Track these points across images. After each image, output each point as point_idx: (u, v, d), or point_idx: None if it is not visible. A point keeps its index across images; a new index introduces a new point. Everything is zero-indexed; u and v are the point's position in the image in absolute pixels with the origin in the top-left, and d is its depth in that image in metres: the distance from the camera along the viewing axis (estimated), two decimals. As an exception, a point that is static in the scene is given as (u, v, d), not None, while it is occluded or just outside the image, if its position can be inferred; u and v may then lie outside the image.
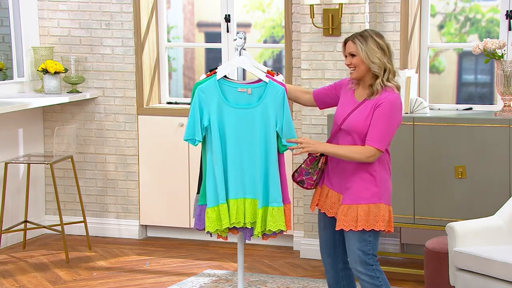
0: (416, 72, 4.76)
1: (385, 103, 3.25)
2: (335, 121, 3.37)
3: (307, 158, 3.42)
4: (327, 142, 3.41)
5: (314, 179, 3.38)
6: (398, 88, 3.33)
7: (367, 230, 3.28)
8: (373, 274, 3.32)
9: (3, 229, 4.93)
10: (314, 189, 3.47)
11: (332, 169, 3.37)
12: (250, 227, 3.47)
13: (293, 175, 3.45)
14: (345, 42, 3.33)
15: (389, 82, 3.30)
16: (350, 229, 3.29)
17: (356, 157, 3.26)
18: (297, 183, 3.44)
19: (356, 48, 3.27)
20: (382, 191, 3.31)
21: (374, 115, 3.25)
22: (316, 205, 3.44)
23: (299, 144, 3.31)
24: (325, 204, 3.39)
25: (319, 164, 3.37)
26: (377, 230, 3.29)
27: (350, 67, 3.32)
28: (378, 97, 3.27)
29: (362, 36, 3.28)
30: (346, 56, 3.34)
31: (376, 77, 3.28)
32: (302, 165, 3.42)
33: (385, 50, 3.28)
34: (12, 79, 5.36)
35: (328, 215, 3.38)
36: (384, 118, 3.24)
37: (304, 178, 3.40)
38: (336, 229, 3.33)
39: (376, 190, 3.29)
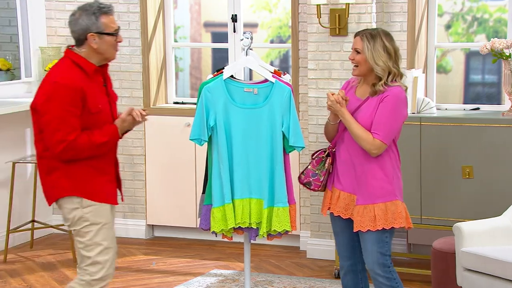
0: (423, 72, 4.75)
1: (390, 97, 3.21)
2: (340, 121, 3.33)
3: (313, 159, 3.39)
4: (332, 143, 3.38)
5: (321, 180, 3.35)
6: (405, 89, 3.29)
7: (387, 229, 3.24)
8: (390, 276, 3.30)
9: (10, 228, 4.95)
10: (323, 192, 3.42)
11: (342, 169, 3.32)
12: (255, 227, 3.46)
13: (299, 177, 3.41)
14: (354, 36, 3.30)
15: (394, 83, 3.25)
16: (368, 230, 3.25)
17: (363, 143, 3.22)
18: (304, 185, 3.40)
19: (362, 46, 3.23)
20: (395, 188, 3.29)
21: (379, 108, 3.22)
22: (328, 209, 3.39)
23: (329, 96, 3.24)
24: (338, 206, 3.33)
25: (326, 165, 3.35)
26: (397, 227, 3.26)
27: (353, 63, 3.27)
28: (382, 93, 3.24)
29: (371, 34, 3.23)
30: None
31: (379, 78, 3.24)
32: (308, 167, 3.39)
33: (391, 54, 3.23)
34: (20, 79, 5.38)
35: (344, 217, 3.33)
36: (389, 112, 3.22)
37: (311, 179, 3.36)
38: (354, 231, 3.29)
39: (391, 187, 3.26)
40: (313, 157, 3.41)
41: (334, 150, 3.37)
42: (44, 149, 3.10)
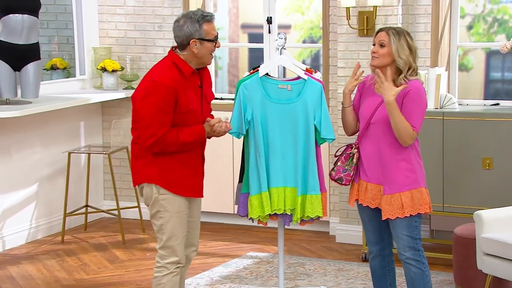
0: (446, 70, 4.72)
1: (414, 90, 3.21)
2: (363, 117, 3.31)
3: (341, 156, 3.38)
4: (357, 138, 3.37)
5: (351, 174, 3.34)
6: (422, 83, 3.29)
7: (414, 215, 3.24)
8: (419, 260, 3.29)
9: (67, 212, 5.07)
10: (350, 185, 3.41)
11: (368, 162, 3.32)
12: (289, 214, 3.50)
13: (330, 174, 3.39)
14: (378, 32, 3.27)
15: (412, 77, 3.25)
16: (397, 217, 3.25)
17: (402, 132, 3.18)
18: (335, 181, 3.38)
19: (388, 40, 3.20)
20: (419, 175, 3.28)
21: (405, 102, 3.21)
22: (356, 200, 3.38)
23: (380, 77, 3.18)
24: (366, 197, 3.33)
25: (354, 160, 3.33)
26: (422, 213, 3.25)
27: (374, 55, 3.24)
28: (404, 88, 3.22)
29: (396, 30, 3.23)
30: (374, 44, 3.26)
31: (398, 72, 3.23)
32: (338, 163, 3.37)
33: (413, 51, 3.24)
34: (75, 76, 5.49)
35: (372, 207, 3.33)
36: (417, 104, 3.21)
37: (342, 175, 3.36)
38: (383, 219, 3.28)
39: (415, 176, 3.26)
40: (337, 153, 3.40)
41: (358, 145, 3.36)
42: (138, 137, 3.17)
